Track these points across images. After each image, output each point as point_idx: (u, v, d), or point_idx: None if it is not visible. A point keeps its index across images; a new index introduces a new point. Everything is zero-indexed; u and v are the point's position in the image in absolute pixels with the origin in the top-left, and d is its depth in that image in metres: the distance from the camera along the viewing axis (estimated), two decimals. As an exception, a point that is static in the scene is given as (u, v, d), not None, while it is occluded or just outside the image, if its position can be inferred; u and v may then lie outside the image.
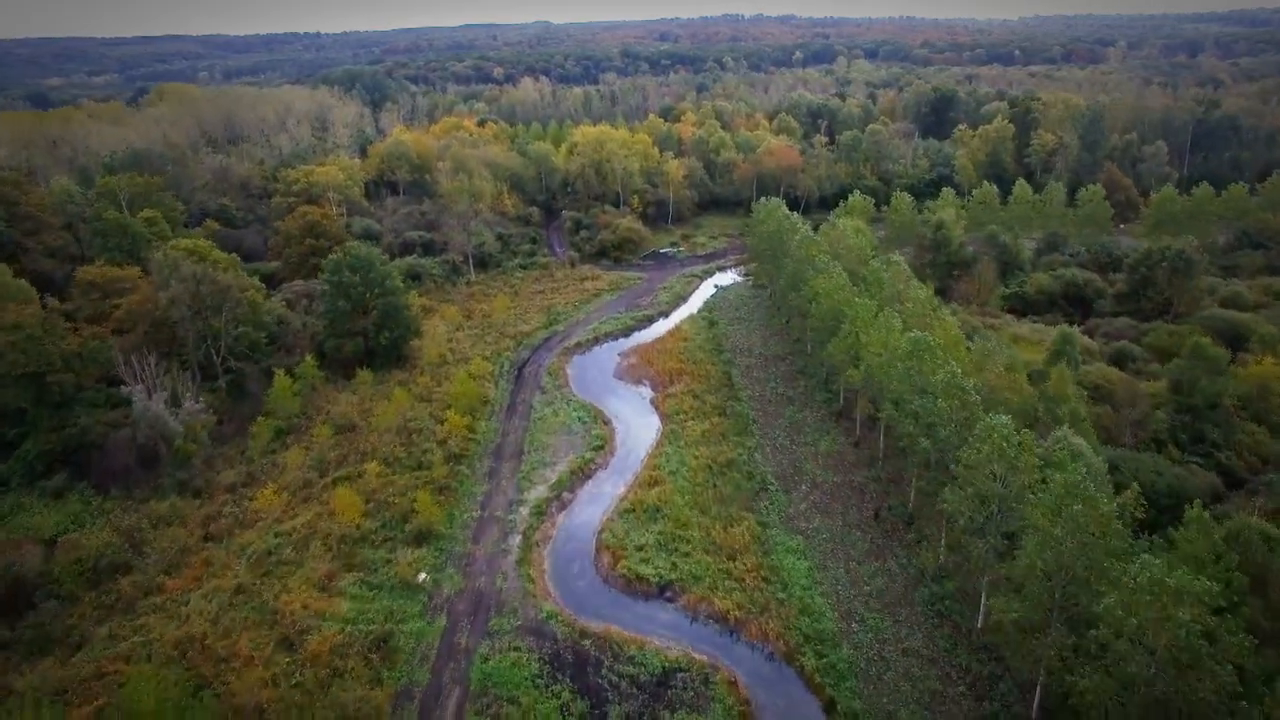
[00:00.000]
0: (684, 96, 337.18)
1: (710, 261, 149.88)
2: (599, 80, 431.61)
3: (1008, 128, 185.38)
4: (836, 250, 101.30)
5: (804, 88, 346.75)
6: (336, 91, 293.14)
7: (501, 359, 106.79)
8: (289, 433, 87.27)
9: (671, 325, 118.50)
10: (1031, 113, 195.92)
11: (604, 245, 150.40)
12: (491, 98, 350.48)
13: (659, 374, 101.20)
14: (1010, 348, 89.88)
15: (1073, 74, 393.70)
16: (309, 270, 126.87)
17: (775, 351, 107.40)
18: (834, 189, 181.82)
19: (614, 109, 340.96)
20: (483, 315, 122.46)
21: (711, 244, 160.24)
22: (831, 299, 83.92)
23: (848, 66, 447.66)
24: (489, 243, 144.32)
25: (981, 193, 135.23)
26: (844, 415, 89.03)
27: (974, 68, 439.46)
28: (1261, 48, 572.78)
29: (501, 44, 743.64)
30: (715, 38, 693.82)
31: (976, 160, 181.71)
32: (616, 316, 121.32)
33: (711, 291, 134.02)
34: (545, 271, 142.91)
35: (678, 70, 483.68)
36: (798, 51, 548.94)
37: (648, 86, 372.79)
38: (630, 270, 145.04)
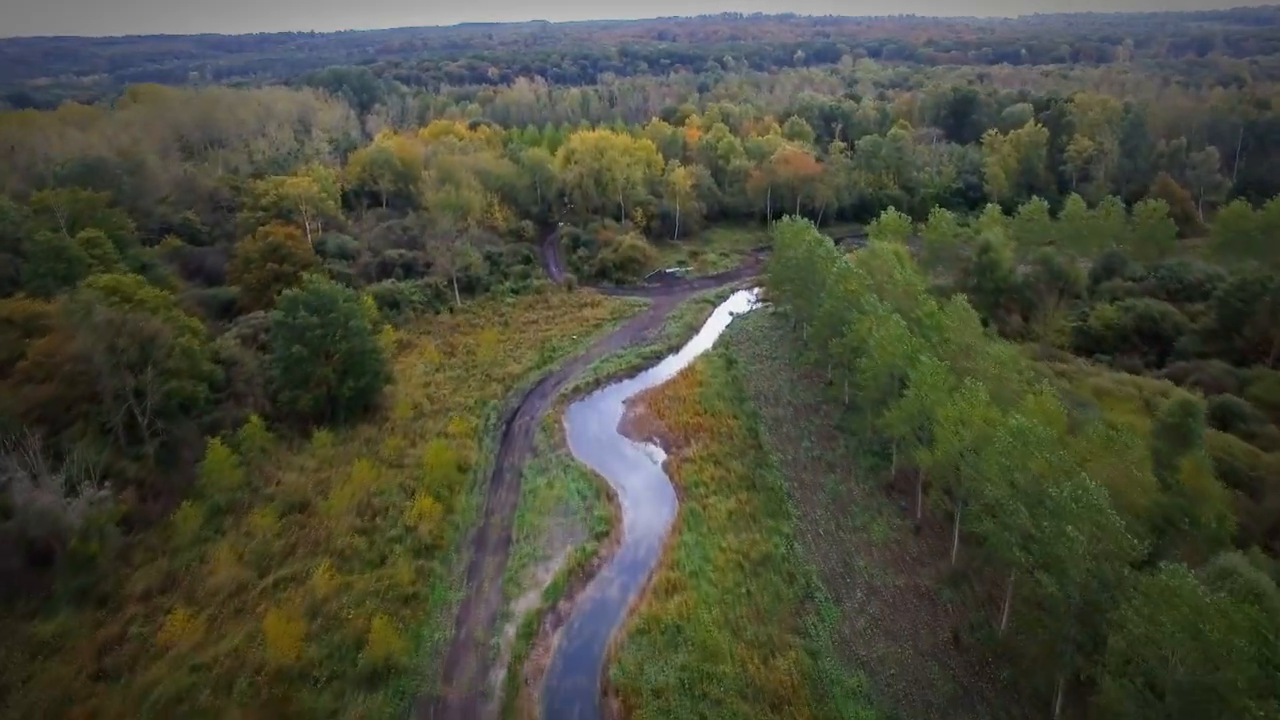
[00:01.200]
0: (686, 97, 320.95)
1: (723, 283, 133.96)
2: (597, 80, 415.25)
3: (1041, 132, 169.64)
4: (880, 284, 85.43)
5: (811, 88, 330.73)
6: (321, 93, 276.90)
7: (487, 409, 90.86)
8: (228, 511, 71.32)
9: (683, 364, 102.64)
10: (1065, 115, 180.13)
11: (605, 265, 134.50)
12: (485, 98, 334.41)
13: (672, 429, 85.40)
14: (1098, 409, 74.43)
15: (1087, 73, 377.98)
16: (271, 299, 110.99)
17: (806, 399, 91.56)
18: (854, 199, 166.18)
19: (613, 110, 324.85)
20: (467, 352, 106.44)
21: (723, 262, 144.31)
22: (887, 354, 68.03)
23: (853, 65, 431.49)
24: (476, 265, 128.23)
25: (1031, 208, 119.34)
26: (896, 488, 73.29)
27: (982, 67, 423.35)
28: (1273, 45, 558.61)
29: (497, 43, 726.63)
30: (714, 37, 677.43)
31: (1008, 168, 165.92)
32: (620, 353, 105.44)
33: (726, 321, 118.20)
34: (539, 297, 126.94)
35: (677, 70, 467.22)
36: (799, 50, 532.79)
37: (648, 87, 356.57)
38: (634, 294, 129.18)
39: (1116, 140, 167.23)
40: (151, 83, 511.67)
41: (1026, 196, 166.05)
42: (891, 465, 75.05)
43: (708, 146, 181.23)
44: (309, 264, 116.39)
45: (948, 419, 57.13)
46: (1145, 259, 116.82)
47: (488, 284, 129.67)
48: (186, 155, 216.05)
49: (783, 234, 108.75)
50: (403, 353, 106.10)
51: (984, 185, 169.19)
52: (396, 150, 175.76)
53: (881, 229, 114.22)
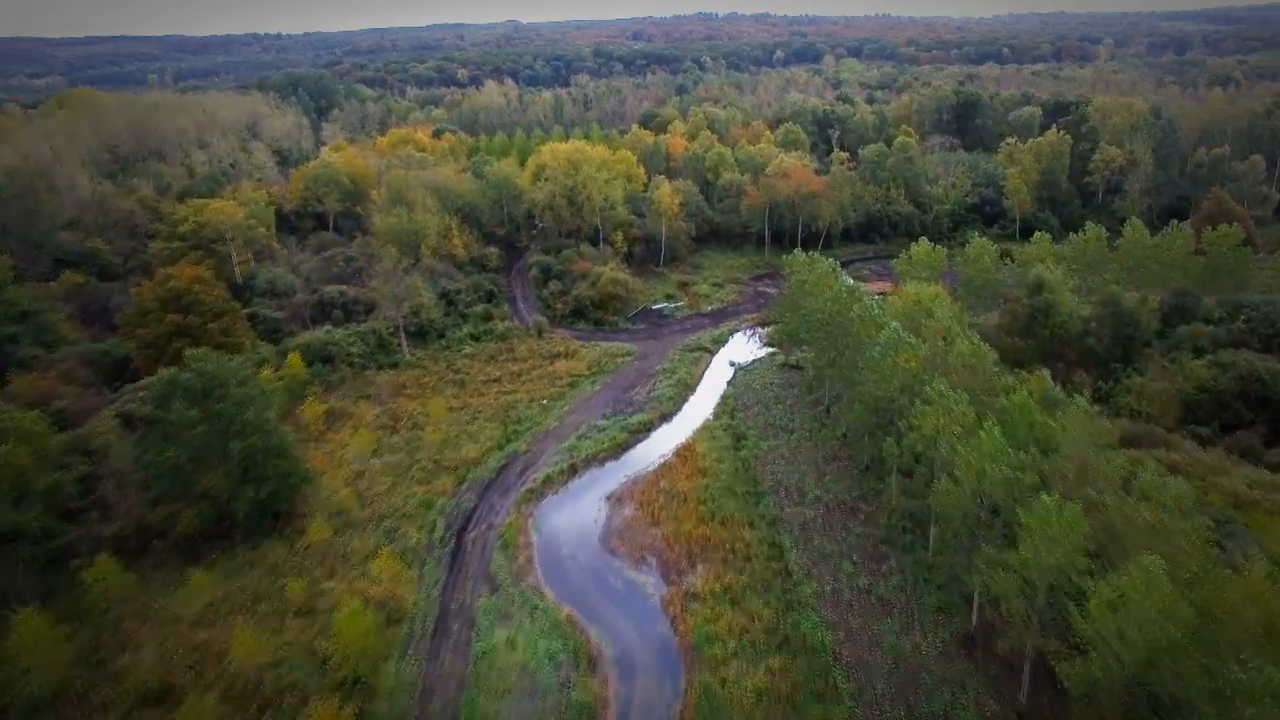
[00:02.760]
0: (665, 100, 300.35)
1: (719, 323, 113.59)
2: (570, 82, 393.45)
3: (1064, 141, 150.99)
4: (931, 348, 65.33)
5: (796, 89, 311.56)
6: (272, 98, 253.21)
7: (432, 515, 69.91)
8: (49, 708, 49.94)
9: (679, 438, 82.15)
10: (1088, 121, 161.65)
11: (581, 304, 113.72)
12: (453, 102, 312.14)
13: (670, 542, 65.04)
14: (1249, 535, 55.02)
15: (1078, 73, 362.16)
16: (173, 358, 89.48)
17: (838, 492, 71.44)
18: (860, 216, 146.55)
19: (588, 114, 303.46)
20: (413, 425, 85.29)
21: (717, 295, 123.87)
22: (979, 479, 48.00)
23: (836, 65, 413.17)
24: (428, 307, 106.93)
25: (1088, 234, 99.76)
26: (980, 644, 53.35)
27: (969, 67, 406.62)
28: (1250, 45, 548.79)
29: (469, 44, 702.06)
30: (690, 37, 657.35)
31: (1030, 180, 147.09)
32: (601, 424, 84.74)
33: (726, 374, 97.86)
34: (504, 345, 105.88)
35: (654, 71, 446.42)
36: (779, 50, 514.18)
37: (624, 89, 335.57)
38: (616, 339, 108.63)
39: (1149, 148, 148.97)
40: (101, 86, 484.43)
41: (1049, 212, 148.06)
42: (971, 609, 55.13)
43: (694, 158, 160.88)
44: (224, 313, 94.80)
45: (1103, 604, 37.19)
46: (1217, 294, 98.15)
47: (443, 329, 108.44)
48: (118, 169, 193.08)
49: (796, 272, 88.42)
50: (333, 428, 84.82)
51: (1003, 200, 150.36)
52: (344, 165, 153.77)
53: (912, 263, 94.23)
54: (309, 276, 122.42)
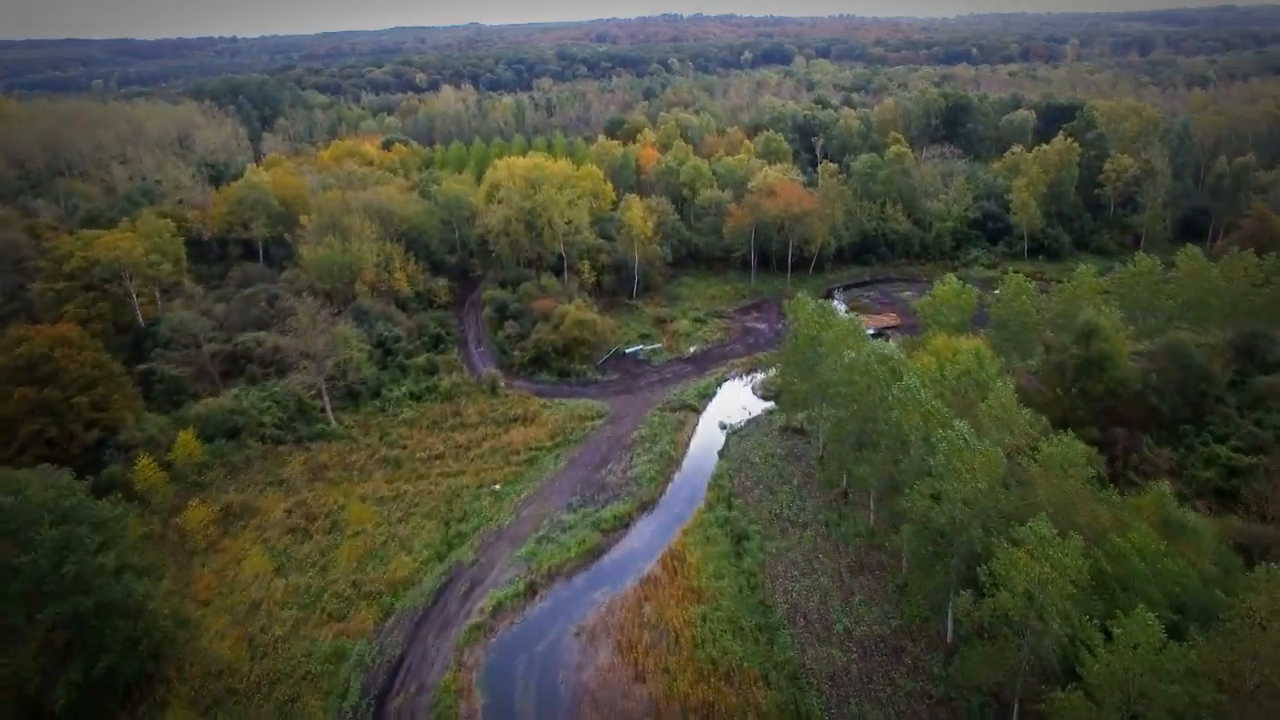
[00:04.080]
0: (632, 104, 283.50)
1: (704, 369, 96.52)
2: (533, 86, 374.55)
3: (1072, 149, 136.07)
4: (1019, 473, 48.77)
5: (769, 92, 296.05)
6: (209, 106, 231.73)
7: (345, 670, 52.08)
8: None
9: (666, 538, 64.98)
10: (1095, 127, 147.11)
11: (542, 350, 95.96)
12: (409, 109, 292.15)
13: (660, 711, 48.02)
14: None
15: (1053, 73, 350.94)
16: (28, 441, 70.92)
17: (873, 623, 54.46)
18: (854, 236, 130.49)
19: (551, 120, 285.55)
20: (331, 524, 67.29)
21: (700, 333, 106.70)
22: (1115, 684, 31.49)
23: (808, 66, 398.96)
24: (360, 362, 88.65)
25: (1140, 267, 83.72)
26: None
27: (941, 67, 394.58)
28: (1211, 45, 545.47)
29: (430, 47, 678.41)
30: (655, 38, 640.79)
31: (1037, 193, 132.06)
32: (567, 520, 67.10)
33: (717, 439, 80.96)
34: (451, 405, 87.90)
35: (619, 73, 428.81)
36: (746, 51, 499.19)
37: (589, 93, 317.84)
38: (583, 394, 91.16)
39: (1166, 157, 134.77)
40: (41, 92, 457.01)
41: (1058, 228, 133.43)
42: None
43: (668, 171, 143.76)
44: (98, 381, 76.03)
45: None
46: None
47: (378, 386, 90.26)
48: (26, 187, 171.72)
49: (803, 323, 71.48)
50: (230, 531, 66.54)
51: (1009, 215, 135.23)
52: (274, 184, 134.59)
53: (937, 306, 77.72)
54: (226, 320, 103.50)
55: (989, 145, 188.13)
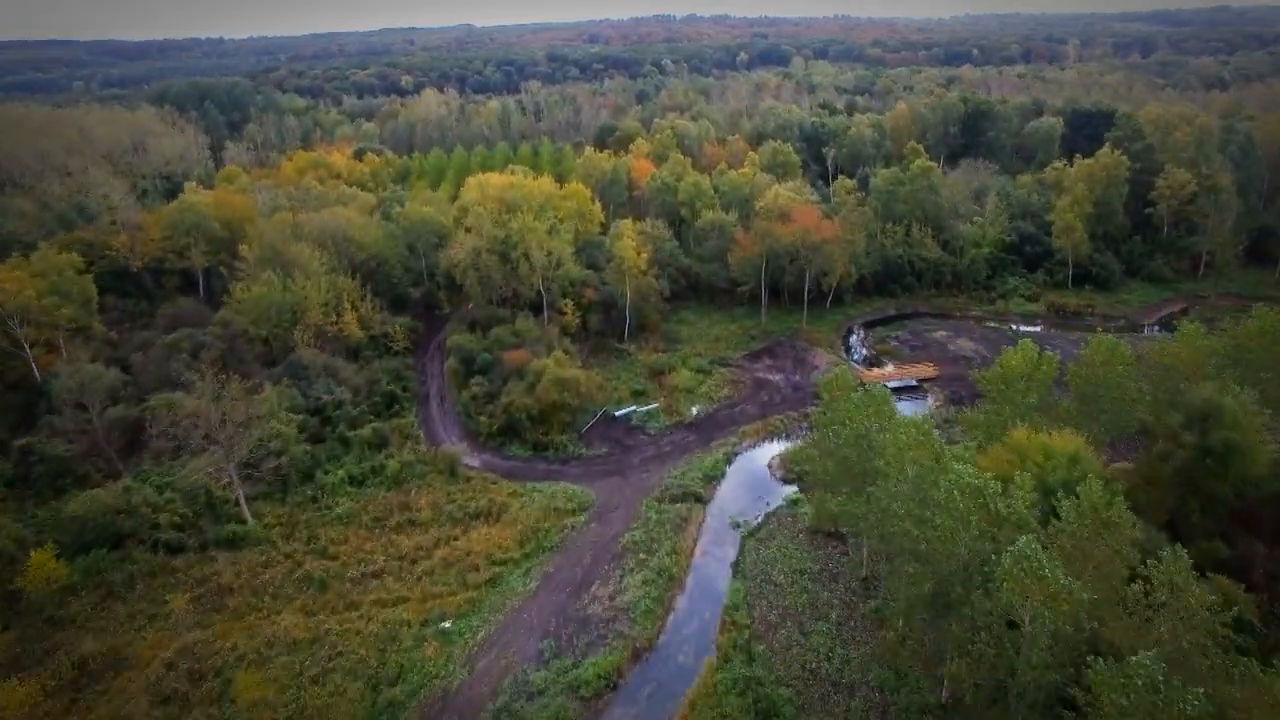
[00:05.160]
0: (625, 109, 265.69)
1: (710, 438, 78.93)
2: (521, 89, 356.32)
3: (1121, 163, 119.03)
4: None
5: (768, 95, 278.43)
6: (169, 113, 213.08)
7: None
8: None
9: (664, 710, 47.84)
10: (1143, 136, 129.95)
11: (514, 417, 78.39)
12: (390, 113, 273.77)
13: None
14: None
15: (1061, 74, 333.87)
16: None
17: None
18: (876, 264, 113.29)
19: (539, 125, 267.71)
20: (221, 688, 49.73)
21: (703, 388, 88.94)
22: None
23: (807, 68, 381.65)
24: (287, 440, 70.95)
25: (1260, 321, 66.12)
26: None
27: (945, 69, 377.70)
28: (1215, 45, 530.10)
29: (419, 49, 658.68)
30: (649, 39, 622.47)
31: (1083, 213, 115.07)
32: (534, 680, 49.50)
33: (730, 544, 63.62)
34: (399, 493, 70.26)
35: (611, 75, 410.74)
36: (742, 52, 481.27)
37: (579, 96, 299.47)
38: (564, 474, 73.54)
39: (1228, 172, 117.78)
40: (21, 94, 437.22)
41: (1107, 252, 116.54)
42: None
43: (664, 188, 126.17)
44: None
45: None
46: None
47: (311, 467, 72.67)
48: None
49: (845, 415, 54.01)
50: (83, 697, 49.00)
51: (1049, 237, 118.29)
52: (216, 205, 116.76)
53: (1007, 382, 60.13)
54: (140, 374, 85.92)
55: (1009, 154, 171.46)
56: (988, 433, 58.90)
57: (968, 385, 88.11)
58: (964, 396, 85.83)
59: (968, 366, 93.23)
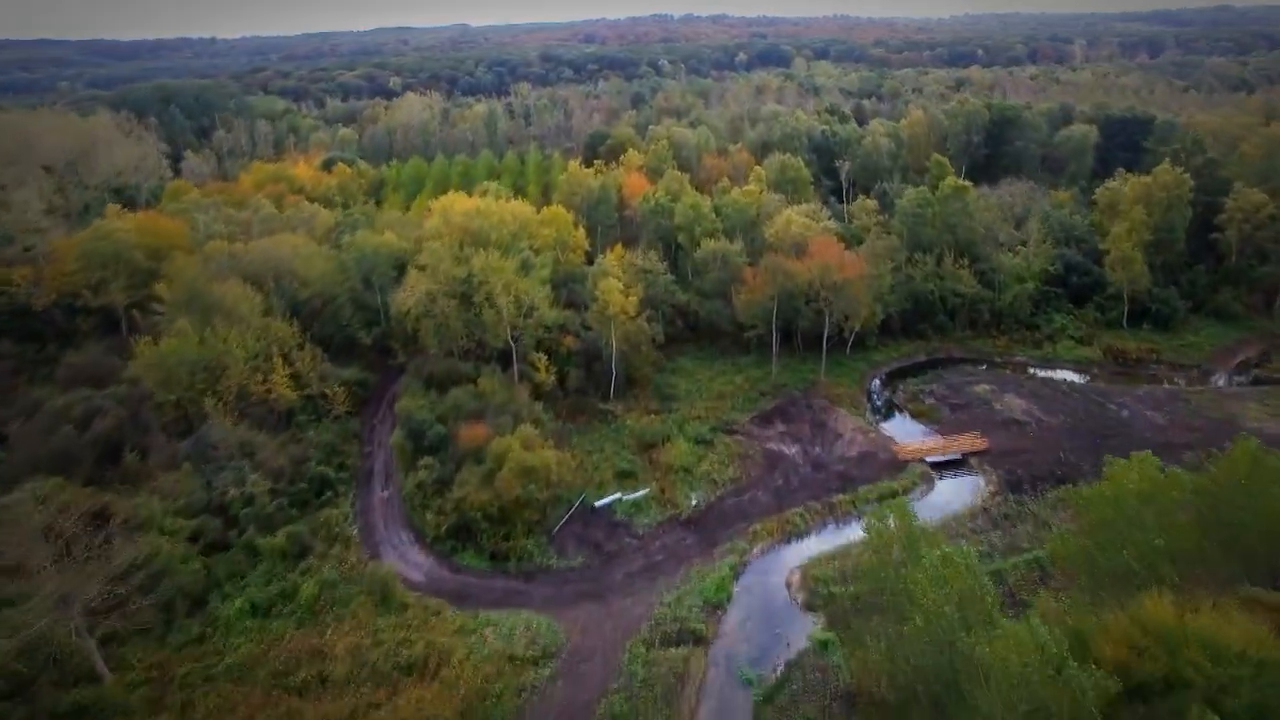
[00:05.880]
0: (619, 113, 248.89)
1: (713, 540, 62.53)
2: (511, 91, 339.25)
3: (1183, 182, 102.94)
4: None
5: (770, 98, 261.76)
6: (127, 118, 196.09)
7: None
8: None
9: None
10: (1203, 151, 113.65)
11: (468, 514, 62.01)
12: (373, 117, 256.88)
13: None
14: None
15: (1075, 75, 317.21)
16: None
17: None
18: (905, 301, 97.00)
19: (528, 130, 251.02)
20: None
21: (704, 465, 72.27)
22: None
23: (808, 69, 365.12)
24: (167, 560, 54.46)
25: None
26: None
27: (952, 70, 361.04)
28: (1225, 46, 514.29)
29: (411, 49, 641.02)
30: (645, 38, 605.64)
31: (1140, 239, 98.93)
32: None
33: (743, 711, 47.38)
34: (312, 631, 53.74)
35: (607, 76, 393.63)
36: (741, 53, 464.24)
37: (571, 99, 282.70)
38: (527, 601, 56.87)
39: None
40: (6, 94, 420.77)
41: (1168, 285, 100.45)
42: None
43: (659, 209, 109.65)
44: None
45: None
46: None
47: (204, 591, 56.27)
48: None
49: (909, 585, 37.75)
50: None
51: (1098, 267, 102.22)
52: (140, 231, 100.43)
53: (1119, 504, 43.92)
54: (15, 451, 69.67)
55: (1037, 166, 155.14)
56: (1094, 585, 42.61)
57: (1024, 461, 72.09)
58: (1021, 478, 69.61)
59: (1021, 434, 77.09)
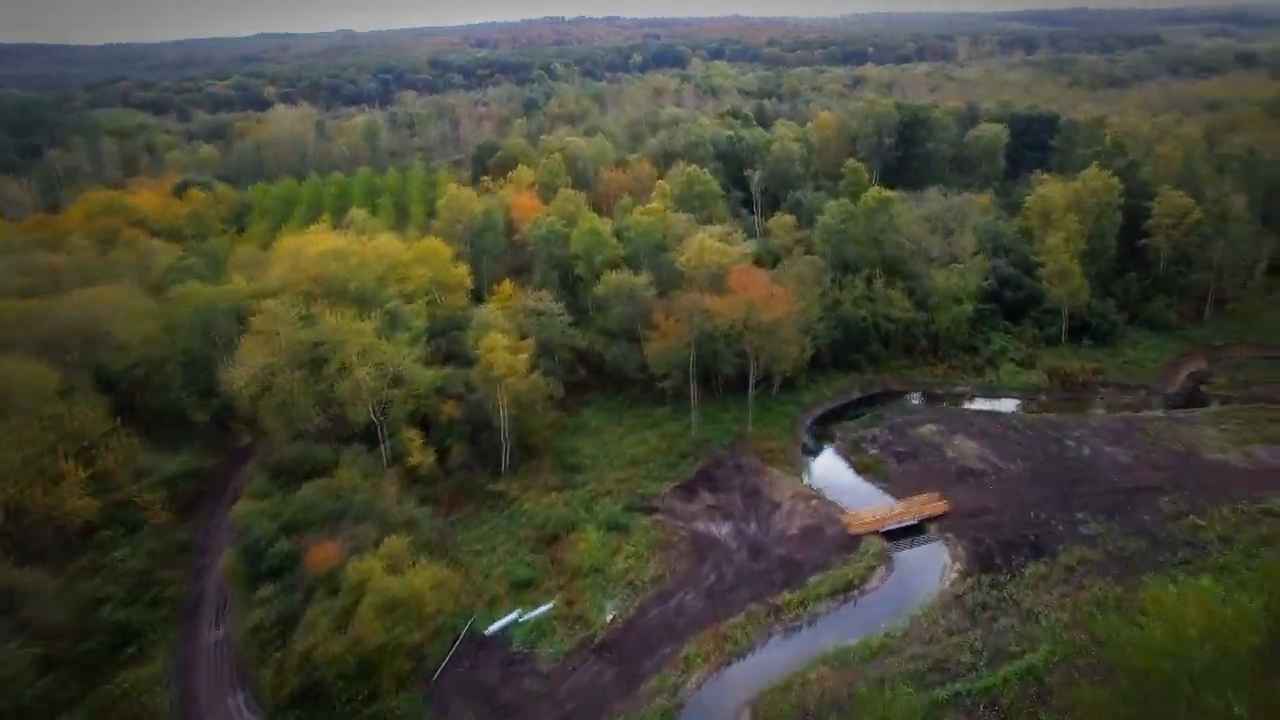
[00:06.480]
0: (510, 121, 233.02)
1: (634, 676, 48.86)
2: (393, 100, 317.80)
3: (1112, 186, 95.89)
4: None
5: (668, 100, 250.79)
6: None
7: None
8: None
9: None
10: (1124, 153, 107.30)
11: (318, 670, 46.69)
12: (242, 131, 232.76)
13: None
14: None
15: (968, 72, 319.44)
16: None
17: None
18: (835, 330, 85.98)
19: (412, 142, 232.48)
20: None
21: (620, 563, 57.96)
22: None
23: (705, 69, 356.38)
24: None
25: None
26: None
27: (845, 69, 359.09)
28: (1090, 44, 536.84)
29: (293, 56, 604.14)
30: (539, 41, 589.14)
31: (1077, 250, 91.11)
32: None
33: None
34: None
35: (498, 81, 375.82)
36: (635, 54, 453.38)
37: (459, 107, 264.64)
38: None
39: (1243, 195, 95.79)
40: None
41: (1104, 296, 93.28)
42: None
43: (551, 236, 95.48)
44: None
45: None
46: None
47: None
48: None
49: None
50: None
51: (1032, 279, 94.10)
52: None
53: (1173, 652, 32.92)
54: None
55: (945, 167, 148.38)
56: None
57: (991, 524, 61.73)
58: (991, 549, 59.04)
59: (981, 487, 66.85)
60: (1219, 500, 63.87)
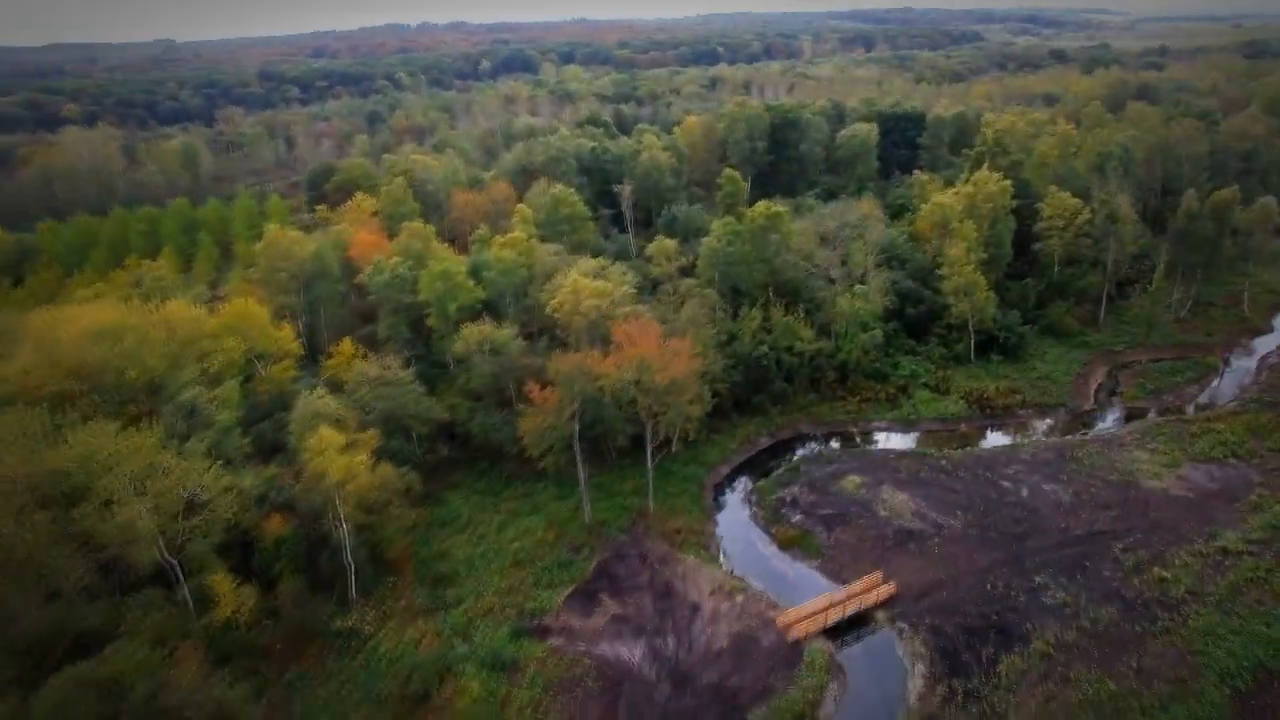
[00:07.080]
0: (350, 138, 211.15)
1: None
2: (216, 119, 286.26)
3: (1004, 189, 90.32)
4: None
5: (521, 108, 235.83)
6: None
7: None
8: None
9: None
10: (1007, 153, 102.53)
11: None
12: (26, 158, 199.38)
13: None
14: None
15: (821, 70, 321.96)
16: None
17: None
18: (736, 373, 75.10)
19: (240, 165, 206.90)
20: None
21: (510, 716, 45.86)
22: None
23: (558, 74, 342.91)
24: None
25: None
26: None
27: (699, 69, 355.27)
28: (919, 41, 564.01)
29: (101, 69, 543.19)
30: (381, 50, 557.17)
31: (978, 260, 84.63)
32: None
33: None
34: None
35: (338, 94, 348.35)
36: (484, 60, 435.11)
37: (294, 124, 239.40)
38: None
39: (1128, 193, 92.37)
40: None
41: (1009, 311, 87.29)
42: None
43: (397, 282, 79.84)
44: None
45: None
46: None
47: None
48: None
49: None
50: None
51: (931, 292, 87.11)
52: None
53: None
54: None
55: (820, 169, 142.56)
56: None
57: (946, 606, 52.28)
58: (955, 642, 49.42)
59: (925, 555, 57.52)
60: (1172, 541, 57.54)
